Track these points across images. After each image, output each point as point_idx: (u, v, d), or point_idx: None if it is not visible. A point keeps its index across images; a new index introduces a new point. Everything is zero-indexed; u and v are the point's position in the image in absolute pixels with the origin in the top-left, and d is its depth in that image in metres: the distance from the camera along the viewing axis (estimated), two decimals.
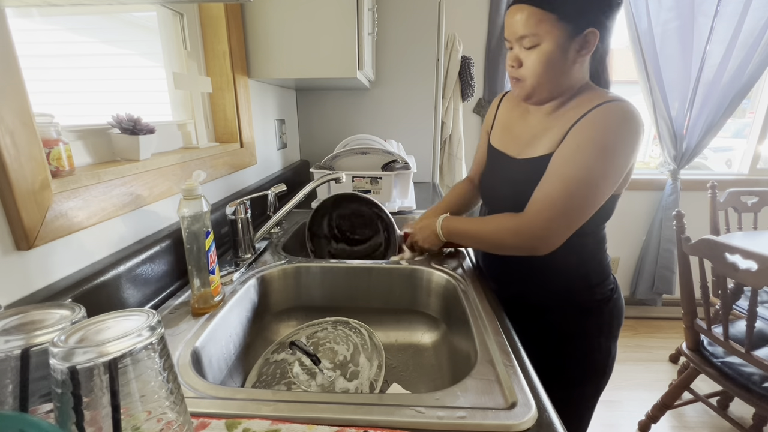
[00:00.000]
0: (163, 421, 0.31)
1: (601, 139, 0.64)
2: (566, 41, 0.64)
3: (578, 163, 0.65)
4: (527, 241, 0.69)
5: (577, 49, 0.65)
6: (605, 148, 0.64)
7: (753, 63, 1.95)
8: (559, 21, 0.62)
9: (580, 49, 0.65)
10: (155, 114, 0.94)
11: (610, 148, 0.64)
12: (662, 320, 2.47)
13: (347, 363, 0.71)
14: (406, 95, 1.74)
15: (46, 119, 0.53)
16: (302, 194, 0.98)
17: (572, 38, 0.64)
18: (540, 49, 0.65)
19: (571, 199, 0.65)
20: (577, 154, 0.65)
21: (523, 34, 0.65)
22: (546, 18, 0.62)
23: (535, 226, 0.67)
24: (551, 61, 0.65)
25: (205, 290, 0.67)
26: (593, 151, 0.64)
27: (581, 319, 0.79)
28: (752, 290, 1.13)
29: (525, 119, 0.80)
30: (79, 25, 0.86)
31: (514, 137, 0.81)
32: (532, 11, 0.63)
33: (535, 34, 0.64)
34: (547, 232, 0.67)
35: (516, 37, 0.67)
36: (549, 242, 0.68)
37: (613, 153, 0.64)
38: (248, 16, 1.10)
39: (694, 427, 1.66)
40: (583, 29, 0.63)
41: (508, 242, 0.71)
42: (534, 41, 0.64)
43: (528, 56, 0.67)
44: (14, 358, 0.31)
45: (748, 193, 1.92)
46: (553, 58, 0.65)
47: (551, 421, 0.44)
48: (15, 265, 0.48)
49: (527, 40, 0.65)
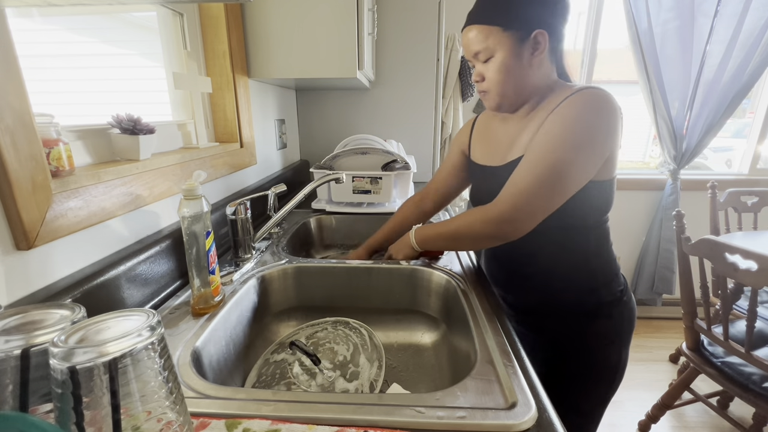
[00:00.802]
0: (163, 421, 0.31)
1: (569, 124, 0.65)
2: (517, 47, 0.68)
3: (545, 148, 0.65)
4: (496, 225, 0.68)
5: (531, 51, 0.69)
6: (573, 131, 0.64)
7: (753, 63, 1.95)
8: (504, 31, 0.67)
9: (533, 51, 0.69)
10: (155, 114, 0.94)
11: (579, 131, 0.64)
12: (662, 320, 2.47)
13: (347, 363, 0.71)
14: (406, 95, 1.75)
15: (46, 119, 0.53)
16: (302, 194, 0.98)
17: (522, 42, 0.68)
18: (495, 59, 0.69)
19: (538, 183, 0.65)
20: (544, 140, 0.66)
21: (477, 50, 0.70)
22: (492, 31, 0.68)
23: (503, 211, 0.67)
24: (508, 68, 0.69)
25: (205, 290, 0.67)
26: (560, 136, 0.65)
27: (590, 324, 0.77)
28: (752, 290, 1.13)
29: (504, 127, 0.81)
30: (79, 25, 0.86)
31: (495, 147, 0.81)
32: (479, 28, 0.69)
33: (486, 48, 0.69)
34: (514, 214, 0.67)
35: (472, 55, 0.72)
36: (517, 226, 0.67)
37: (582, 136, 0.64)
38: (248, 16, 1.10)
39: (694, 427, 1.66)
40: (530, 32, 0.67)
41: (479, 231, 0.71)
42: (488, 54, 0.69)
43: (487, 69, 0.71)
44: (14, 358, 0.31)
45: (748, 193, 1.92)
46: (509, 65, 0.69)
47: (551, 421, 0.44)
48: (15, 265, 0.48)
49: (482, 55, 0.70)
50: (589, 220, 0.73)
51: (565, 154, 0.64)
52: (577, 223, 0.72)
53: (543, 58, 0.70)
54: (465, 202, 2.11)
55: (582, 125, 0.64)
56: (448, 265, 0.87)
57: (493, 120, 0.85)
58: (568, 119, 0.65)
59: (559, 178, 0.64)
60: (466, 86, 1.95)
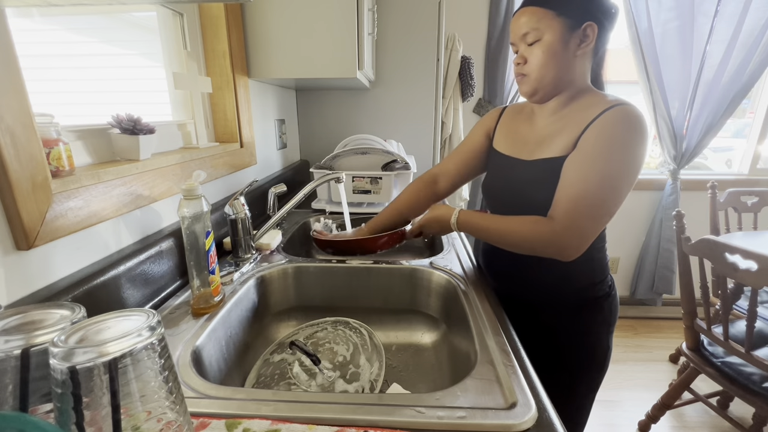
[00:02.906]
0: (163, 421, 0.31)
1: (618, 141, 0.66)
2: (567, 33, 0.69)
3: (599, 166, 0.66)
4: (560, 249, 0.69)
5: (578, 42, 0.70)
6: (622, 149, 0.66)
7: (753, 63, 1.95)
8: (558, 16, 0.68)
9: (580, 42, 0.70)
10: (155, 114, 0.94)
11: (626, 149, 0.66)
12: (662, 320, 2.47)
13: (347, 364, 0.71)
14: (406, 95, 1.74)
15: (46, 119, 0.53)
16: (302, 194, 0.98)
17: (572, 31, 0.69)
18: (542, 42, 0.70)
19: (597, 202, 0.66)
20: (597, 157, 0.67)
21: (526, 30, 0.70)
22: (545, 14, 0.68)
23: (570, 235, 0.67)
24: (553, 51, 0.69)
25: (205, 290, 0.67)
26: (612, 153, 0.66)
27: (584, 315, 0.80)
28: (752, 290, 1.13)
29: (531, 123, 0.81)
30: (79, 25, 0.86)
31: (521, 141, 0.81)
32: (533, 10, 0.70)
33: (536, 29, 0.69)
34: (579, 240, 0.68)
35: (520, 36, 0.72)
36: (580, 248, 0.69)
37: (628, 154, 0.66)
38: (248, 16, 1.10)
39: (694, 427, 1.66)
40: (581, 23, 0.68)
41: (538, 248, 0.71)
42: (536, 35, 0.70)
43: (532, 52, 0.71)
44: (14, 358, 0.31)
45: (748, 193, 1.92)
46: (555, 49, 0.69)
47: (551, 421, 0.44)
48: (15, 265, 0.48)
49: (530, 36, 0.70)
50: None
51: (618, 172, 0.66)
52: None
53: (587, 54, 0.72)
54: (465, 202, 2.11)
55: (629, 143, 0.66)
56: (449, 265, 0.87)
57: (519, 115, 0.86)
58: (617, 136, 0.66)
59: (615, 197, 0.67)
60: (466, 86, 1.95)
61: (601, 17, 0.69)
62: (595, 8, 0.69)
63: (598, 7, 0.69)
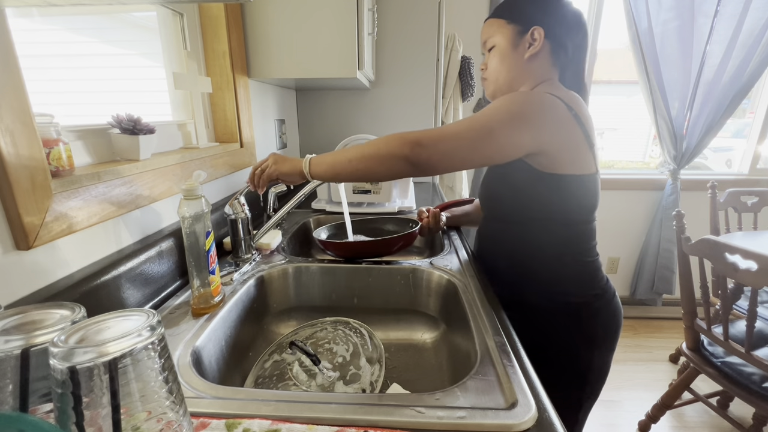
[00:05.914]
0: (163, 421, 0.31)
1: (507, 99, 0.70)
2: (516, 38, 0.77)
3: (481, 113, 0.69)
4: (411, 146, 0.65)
5: (527, 45, 0.76)
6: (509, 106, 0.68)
7: (753, 63, 1.95)
8: (509, 23, 0.77)
9: (528, 45, 0.76)
10: (155, 114, 0.94)
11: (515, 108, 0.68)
12: (662, 320, 2.47)
13: (347, 364, 0.71)
14: (406, 95, 1.74)
15: (46, 119, 0.53)
16: (302, 194, 0.98)
17: (521, 36, 0.76)
18: (497, 48, 0.79)
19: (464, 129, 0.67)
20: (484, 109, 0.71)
21: (485, 39, 0.81)
22: (499, 23, 0.78)
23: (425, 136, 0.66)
24: (505, 56, 0.78)
25: (205, 290, 0.67)
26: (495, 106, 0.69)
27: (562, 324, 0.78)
28: (752, 290, 1.13)
29: None
30: (79, 25, 0.86)
31: None
32: (491, 21, 0.80)
33: (492, 36, 0.79)
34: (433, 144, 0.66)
35: (482, 44, 0.82)
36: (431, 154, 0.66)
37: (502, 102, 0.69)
38: (248, 16, 1.10)
39: (694, 427, 1.66)
40: (528, 27, 0.75)
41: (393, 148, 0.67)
42: (492, 42, 0.79)
43: (491, 58, 0.81)
44: (14, 358, 0.31)
45: (748, 193, 1.92)
46: (506, 53, 0.78)
47: (551, 421, 0.44)
48: (15, 265, 0.48)
49: (489, 43, 0.80)
50: (572, 215, 0.75)
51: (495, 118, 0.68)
52: (557, 217, 0.75)
53: (539, 56, 0.77)
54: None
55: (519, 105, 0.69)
56: (449, 265, 0.87)
57: None
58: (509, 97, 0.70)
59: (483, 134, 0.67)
60: (466, 86, 1.95)
61: (549, 21, 0.75)
62: (542, 14, 0.75)
63: (545, 13, 0.75)
